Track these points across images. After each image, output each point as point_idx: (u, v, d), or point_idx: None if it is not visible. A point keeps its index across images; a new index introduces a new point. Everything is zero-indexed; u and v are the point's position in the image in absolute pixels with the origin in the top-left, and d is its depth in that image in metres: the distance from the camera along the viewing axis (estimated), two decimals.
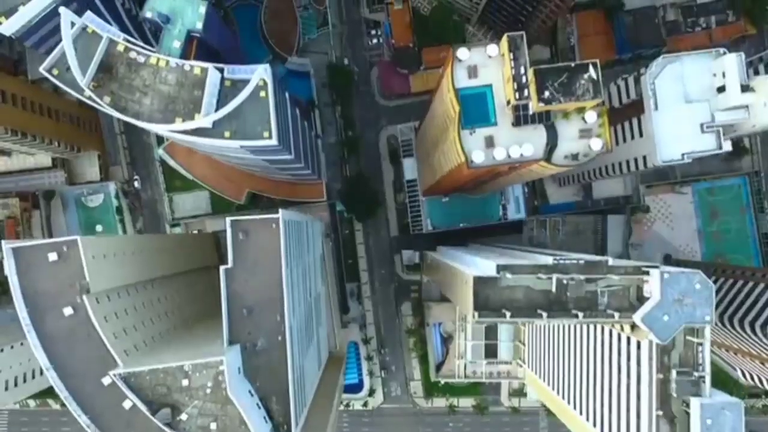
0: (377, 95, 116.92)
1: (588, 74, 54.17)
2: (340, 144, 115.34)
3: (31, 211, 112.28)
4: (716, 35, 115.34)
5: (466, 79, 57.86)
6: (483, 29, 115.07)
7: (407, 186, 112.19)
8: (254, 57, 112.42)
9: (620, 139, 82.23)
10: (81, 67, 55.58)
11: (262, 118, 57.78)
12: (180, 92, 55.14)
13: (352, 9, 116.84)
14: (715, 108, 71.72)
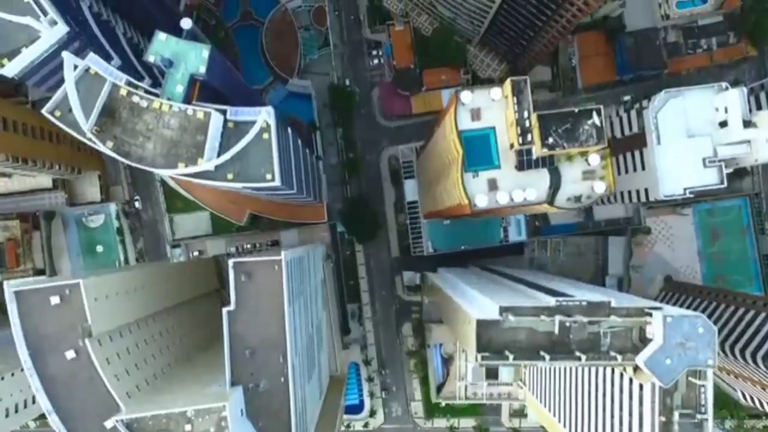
0: (378, 116, 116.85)
1: (592, 120, 54.09)
2: (342, 165, 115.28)
3: (32, 233, 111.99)
4: (717, 57, 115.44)
5: (469, 121, 57.81)
6: (484, 50, 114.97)
7: (408, 207, 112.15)
8: (256, 78, 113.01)
9: (622, 170, 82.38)
10: (84, 111, 55.42)
11: (264, 159, 57.67)
12: (183, 136, 55.02)
13: (353, 29, 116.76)
14: (717, 142, 71.78)
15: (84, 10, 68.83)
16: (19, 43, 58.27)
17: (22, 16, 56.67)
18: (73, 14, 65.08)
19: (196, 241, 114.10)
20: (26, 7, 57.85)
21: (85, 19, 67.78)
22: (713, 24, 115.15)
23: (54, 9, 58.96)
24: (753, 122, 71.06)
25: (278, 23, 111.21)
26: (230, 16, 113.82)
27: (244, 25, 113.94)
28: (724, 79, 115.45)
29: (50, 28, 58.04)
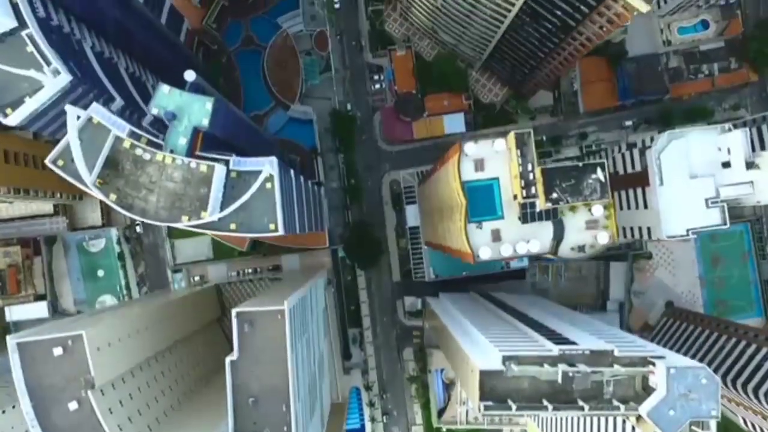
0: (380, 140, 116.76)
1: (596, 175, 54.06)
2: (343, 190, 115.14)
3: (33, 258, 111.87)
4: (719, 82, 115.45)
5: (472, 171, 57.78)
6: (486, 75, 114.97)
7: (410, 233, 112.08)
8: (257, 103, 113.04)
9: (624, 205, 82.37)
10: (87, 163, 55.45)
11: (268, 209, 57.58)
12: (186, 189, 54.94)
13: (354, 54, 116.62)
14: (719, 183, 71.80)
15: (87, 51, 68.77)
16: (23, 92, 58.18)
17: (26, 69, 56.53)
18: (76, 58, 65.08)
19: (198, 266, 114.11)
20: (29, 57, 57.77)
21: (88, 62, 67.71)
22: (715, 49, 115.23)
23: (57, 57, 58.87)
24: (755, 164, 71.12)
25: (280, 49, 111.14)
26: (232, 40, 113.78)
27: (246, 50, 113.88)
28: (726, 103, 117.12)
29: (54, 78, 57.90)
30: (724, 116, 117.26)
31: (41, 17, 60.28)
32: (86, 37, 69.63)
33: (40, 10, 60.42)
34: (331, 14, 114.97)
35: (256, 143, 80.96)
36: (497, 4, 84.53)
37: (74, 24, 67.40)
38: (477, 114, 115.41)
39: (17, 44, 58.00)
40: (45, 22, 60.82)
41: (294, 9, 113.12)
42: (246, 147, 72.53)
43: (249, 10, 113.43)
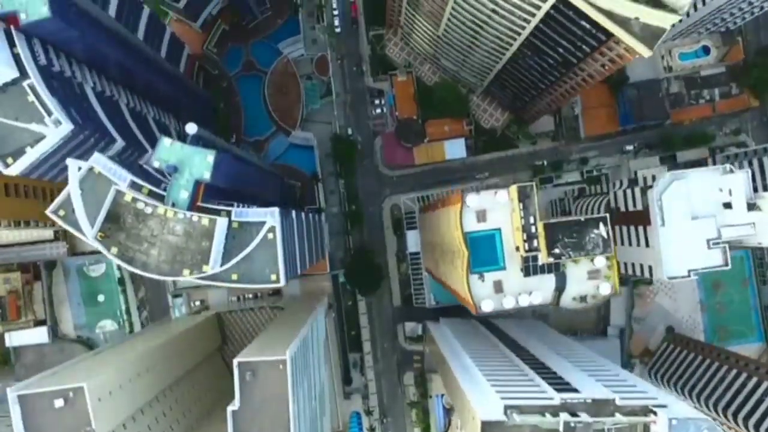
0: (380, 165, 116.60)
1: (598, 231, 54.02)
2: (344, 215, 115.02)
3: (33, 284, 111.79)
4: (719, 107, 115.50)
5: (474, 222, 57.71)
6: (487, 100, 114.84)
7: (410, 258, 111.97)
8: (258, 129, 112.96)
9: (625, 241, 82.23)
10: (88, 214, 55.37)
11: (269, 260, 57.54)
12: (188, 243, 54.87)
13: (355, 78, 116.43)
14: (721, 224, 71.71)
15: (88, 93, 68.72)
16: (24, 142, 58.07)
17: (27, 123, 56.42)
18: (77, 102, 65.03)
19: (198, 291, 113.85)
20: (31, 107, 57.62)
21: (89, 104, 67.64)
22: (716, 75, 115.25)
23: (58, 106, 58.80)
24: (757, 205, 71.09)
25: (280, 75, 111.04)
26: (232, 65, 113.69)
27: (247, 75, 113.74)
28: (726, 128, 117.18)
29: (55, 128, 57.78)
30: (725, 141, 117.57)
31: (42, 65, 60.20)
32: (87, 77, 69.53)
33: (42, 58, 60.33)
34: (332, 38, 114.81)
35: (257, 184, 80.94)
36: (498, 38, 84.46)
37: (75, 66, 67.32)
38: (478, 139, 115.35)
39: (18, 93, 57.93)
40: (46, 69, 60.74)
41: (295, 34, 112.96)
42: (247, 190, 72.56)
43: (250, 34, 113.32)
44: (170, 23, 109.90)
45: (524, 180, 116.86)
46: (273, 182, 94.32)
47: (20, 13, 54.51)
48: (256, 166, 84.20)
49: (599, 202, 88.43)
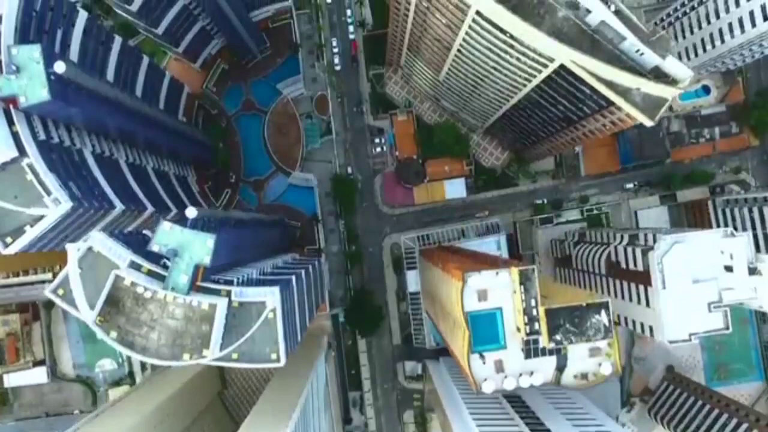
0: (381, 203, 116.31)
1: (600, 317, 53.89)
2: (344, 254, 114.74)
3: (32, 324, 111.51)
4: (720, 146, 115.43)
5: (475, 302, 57.51)
6: (487, 138, 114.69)
7: (410, 298, 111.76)
8: (257, 169, 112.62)
9: (625, 296, 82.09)
10: (87, 296, 55.19)
11: (269, 340, 57.31)
12: (187, 327, 54.65)
13: (355, 116, 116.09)
14: (722, 287, 71.55)
15: (87, 159, 68.50)
16: (23, 221, 57.89)
17: (26, 207, 56.20)
18: (76, 171, 64.84)
19: None
20: (29, 186, 57.38)
21: (89, 171, 67.47)
22: (716, 114, 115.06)
23: (57, 183, 58.62)
24: (758, 270, 71.00)
25: (280, 115, 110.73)
26: (232, 104, 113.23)
27: (246, 114, 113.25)
28: (727, 166, 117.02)
29: (54, 207, 57.52)
30: (726, 179, 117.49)
31: (41, 140, 59.94)
32: (86, 142, 69.31)
33: (41, 133, 60.11)
34: (332, 76, 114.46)
35: (257, 244, 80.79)
36: (499, 90, 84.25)
37: (74, 133, 67.02)
38: (478, 177, 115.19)
39: (17, 172, 57.69)
40: (45, 144, 60.51)
41: (294, 73, 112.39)
42: (247, 252, 72.38)
43: (249, 73, 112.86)
44: (169, 63, 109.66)
45: (524, 218, 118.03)
46: (273, 234, 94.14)
47: (20, 97, 54.19)
48: (256, 225, 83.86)
49: (600, 254, 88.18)
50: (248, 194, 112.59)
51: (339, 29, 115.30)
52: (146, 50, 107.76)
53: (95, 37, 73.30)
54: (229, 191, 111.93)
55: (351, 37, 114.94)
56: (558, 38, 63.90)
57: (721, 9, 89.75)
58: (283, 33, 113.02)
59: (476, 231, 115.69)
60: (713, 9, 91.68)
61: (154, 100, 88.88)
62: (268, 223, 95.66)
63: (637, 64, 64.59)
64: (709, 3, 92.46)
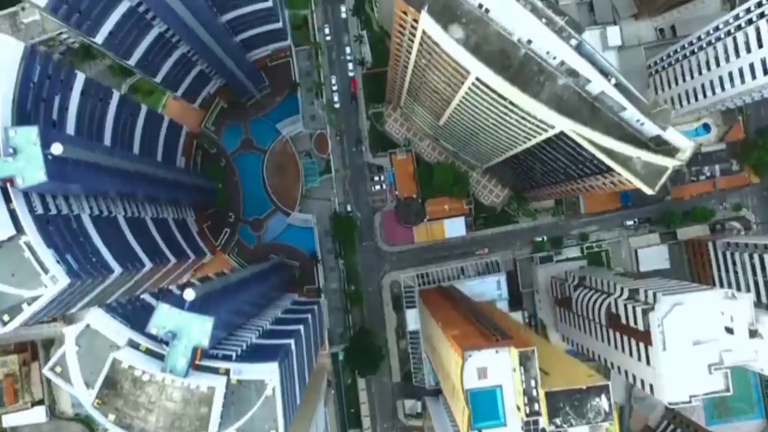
0: (380, 241, 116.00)
1: (600, 401, 53.65)
2: (343, 292, 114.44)
3: (30, 365, 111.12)
4: (720, 184, 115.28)
5: (475, 379, 57.27)
6: (487, 176, 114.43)
7: (410, 337, 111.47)
8: (256, 208, 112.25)
9: (626, 349, 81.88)
10: (84, 374, 55.12)
11: (269, 417, 57.11)
12: (186, 409, 54.36)
13: (355, 154, 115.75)
14: (722, 348, 71.29)
15: (85, 224, 68.08)
16: (20, 299, 57.35)
17: (24, 289, 55.87)
18: (74, 239, 64.39)
19: None
20: (27, 264, 56.95)
21: (87, 237, 67.05)
22: (716, 151, 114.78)
23: (54, 259, 58.14)
24: (759, 332, 70.72)
25: (279, 155, 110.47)
26: (231, 143, 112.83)
27: (245, 153, 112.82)
28: (727, 202, 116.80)
29: (52, 285, 57.14)
30: (726, 215, 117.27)
31: (38, 214, 59.52)
32: (84, 206, 68.85)
33: (38, 208, 59.68)
34: (331, 114, 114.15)
35: (256, 304, 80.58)
36: (499, 141, 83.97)
37: (72, 200, 66.60)
38: (477, 215, 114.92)
39: (14, 249, 57.20)
40: (42, 218, 60.06)
41: (294, 112, 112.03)
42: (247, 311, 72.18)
43: (248, 112, 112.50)
44: (167, 102, 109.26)
45: (524, 255, 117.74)
46: (272, 282, 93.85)
47: (17, 179, 53.85)
48: (255, 279, 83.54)
49: (600, 303, 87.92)
50: (247, 234, 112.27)
51: (338, 67, 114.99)
52: (144, 89, 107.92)
53: (93, 96, 73.03)
54: (228, 231, 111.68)
55: (350, 74, 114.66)
56: (558, 105, 63.81)
57: (721, 57, 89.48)
58: (283, 71, 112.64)
59: (476, 269, 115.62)
60: (713, 56, 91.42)
61: (153, 149, 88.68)
62: (268, 271, 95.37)
63: (637, 131, 64.39)
64: (708, 50, 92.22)
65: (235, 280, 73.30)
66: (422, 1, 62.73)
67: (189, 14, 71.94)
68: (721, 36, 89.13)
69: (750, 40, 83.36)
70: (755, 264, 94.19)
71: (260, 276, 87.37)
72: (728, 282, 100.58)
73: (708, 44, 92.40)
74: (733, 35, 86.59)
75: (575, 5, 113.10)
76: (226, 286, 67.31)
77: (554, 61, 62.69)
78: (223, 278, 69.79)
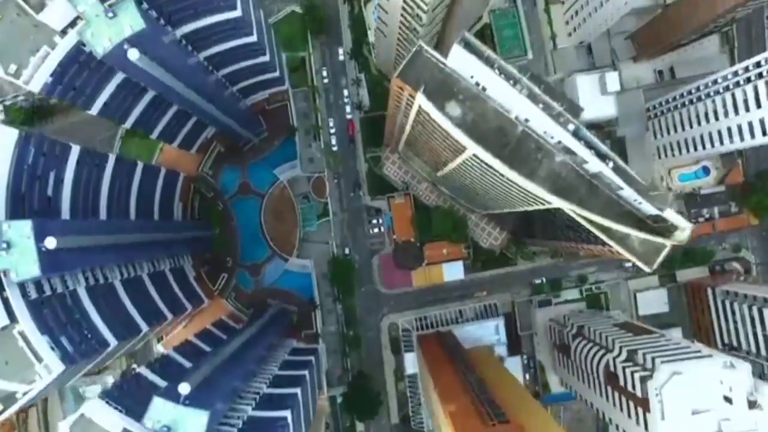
0: (378, 284, 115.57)
1: None
2: (342, 335, 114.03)
3: (27, 410, 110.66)
4: (719, 226, 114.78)
5: None
6: (485, 219, 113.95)
7: (408, 380, 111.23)
8: (254, 253, 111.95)
9: (624, 409, 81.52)
10: None
11: None
12: None
13: (353, 197, 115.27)
14: (721, 417, 70.86)
15: (81, 296, 67.81)
16: (14, 389, 57.11)
17: (18, 378, 55.69)
18: (69, 318, 64.20)
19: None
20: (20, 353, 56.71)
21: (83, 312, 66.92)
22: (715, 193, 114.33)
23: (49, 345, 57.95)
24: (758, 404, 70.32)
25: (277, 200, 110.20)
26: (228, 187, 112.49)
27: (243, 198, 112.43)
28: (726, 243, 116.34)
29: (47, 374, 56.88)
30: (725, 255, 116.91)
31: (33, 299, 59.20)
32: (80, 280, 68.53)
33: (32, 293, 59.35)
34: (329, 158, 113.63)
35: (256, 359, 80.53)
36: (497, 199, 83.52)
37: (67, 276, 66.22)
38: (476, 258, 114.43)
39: (8, 338, 57.02)
40: (37, 302, 59.75)
41: (291, 155, 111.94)
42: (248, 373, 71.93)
43: (246, 156, 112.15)
44: (163, 147, 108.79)
45: (523, 298, 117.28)
46: (270, 335, 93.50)
47: (10, 272, 53.54)
48: (254, 339, 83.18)
49: (598, 359, 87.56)
50: (245, 278, 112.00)
51: (336, 109, 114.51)
52: (139, 134, 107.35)
53: (89, 163, 72.77)
54: (225, 275, 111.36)
55: (348, 117, 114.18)
56: (555, 183, 63.47)
57: (720, 112, 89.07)
58: (280, 115, 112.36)
59: (474, 312, 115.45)
60: (712, 109, 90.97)
61: (150, 206, 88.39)
62: (267, 325, 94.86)
63: (635, 209, 64.00)
64: (707, 102, 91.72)
65: (234, 349, 72.89)
66: (419, 80, 62.39)
67: (182, 85, 71.53)
68: (719, 90, 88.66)
69: (749, 99, 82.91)
70: (754, 316, 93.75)
71: (259, 334, 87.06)
72: (728, 331, 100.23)
73: (707, 96, 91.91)
74: (731, 91, 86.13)
75: (573, 49, 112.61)
76: (224, 362, 66.87)
77: (552, 140, 62.30)
78: (221, 352, 69.31)
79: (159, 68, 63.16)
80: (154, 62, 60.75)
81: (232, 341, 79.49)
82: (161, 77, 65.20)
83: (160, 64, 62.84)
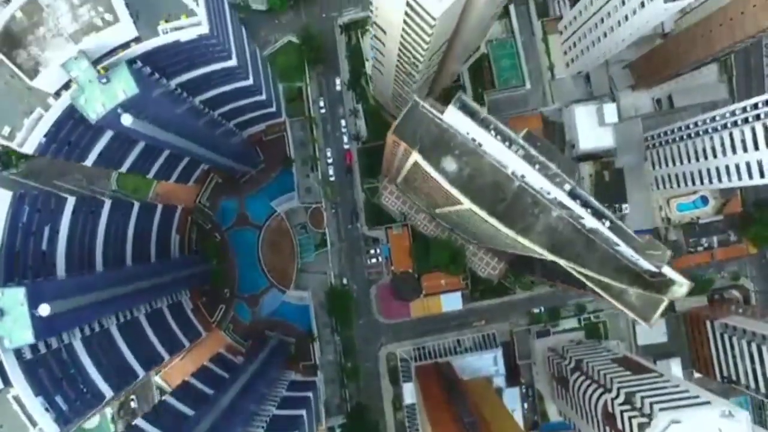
0: (376, 313, 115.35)
1: None
2: (340, 366, 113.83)
3: None
4: (718, 255, 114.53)
5: None
6: (483, 249, 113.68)
7: (406, 410, 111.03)
8: (251, 285, 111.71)
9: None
10: None
11: None
12: None
13: (350, 228, 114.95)
14: None
15: (77, 349, 67.72)
16: None
17: None
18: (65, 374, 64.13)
19: None
20: (15, 417, 56.48)
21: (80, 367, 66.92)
22: (714, 222, 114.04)
23: (43, 406, 57.91)
24: None
25: (274, 232, 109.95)
26: (226, 219, 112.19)
27: (240, 229, 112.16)
28: (725, 271, 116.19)
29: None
30: (724, 283, 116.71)
31: (28, 360, 58.95)
32: (75, 333, 68.25)
33: (27, 354, 59.08)
34: (327, 188, 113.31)
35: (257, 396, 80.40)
36: (495, 243, 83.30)
37: (66, 331, 65.97)
38: (474, 287, 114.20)
39: (2, 402, 56.82)
40: (31, 362, 59.50)
41: (289, 186, 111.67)
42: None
43: (243, 188, 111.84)
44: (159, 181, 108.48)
45: (521, 327, 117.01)
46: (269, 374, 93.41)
47: (4, 339, 53.31)
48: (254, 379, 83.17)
49: (596, 397, 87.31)
50: (243, 310, 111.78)
51: (333, 140, 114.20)
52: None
53: (84, 211, 72.49)
54: (223, 307, 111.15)
55: (345, 147, 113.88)
56: (552, 237, 63.31)
57: (718, 150, 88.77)
58: (278, 146, 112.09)
59: (473, 341, 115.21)
60: (710, 146, 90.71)
61: (146, 247, 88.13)
62: (265, 360, 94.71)
63: (633, 263, 63.73)
64: (705, 138, 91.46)
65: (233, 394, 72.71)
66: (414, 136, 62.11)
67: (175, 137, 71.30)
68: (718, 128, 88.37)
69: (746, 139, 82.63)
70: (753, 353, 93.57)
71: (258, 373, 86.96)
72: (727, 365, 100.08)
73: (705, 132, 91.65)
74: (729, 130, 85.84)
75: (571, 78, 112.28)
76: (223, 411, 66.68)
77: (549, 195, 62.03)
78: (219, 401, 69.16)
79: (152, 126, 62.87)
80: (146, 121, 60.43)
81: (230, 386, 79.44)
82: (154, 134, 64.91)
83: (153, 122, 62.54)
